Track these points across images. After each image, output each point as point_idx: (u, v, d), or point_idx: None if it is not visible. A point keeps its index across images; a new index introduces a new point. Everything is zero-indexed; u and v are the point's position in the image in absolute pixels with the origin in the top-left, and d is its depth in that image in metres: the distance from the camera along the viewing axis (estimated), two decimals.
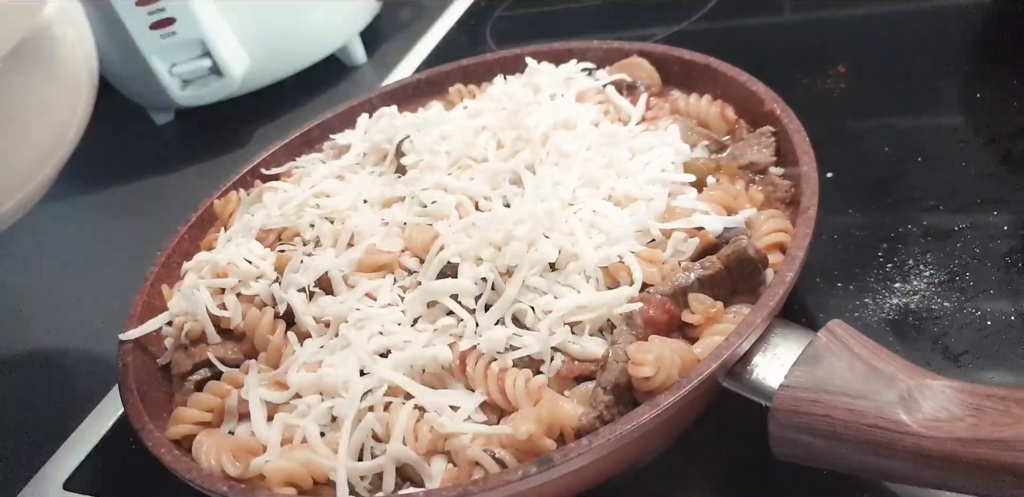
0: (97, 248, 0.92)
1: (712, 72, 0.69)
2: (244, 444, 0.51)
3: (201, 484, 0.48)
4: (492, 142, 0.66)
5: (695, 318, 0.50)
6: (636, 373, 0.45)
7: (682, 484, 0.53)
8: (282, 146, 0.77)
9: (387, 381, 0.50)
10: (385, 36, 1.18)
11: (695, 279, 0.50)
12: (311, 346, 0.54)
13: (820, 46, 0.87)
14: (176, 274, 0.66)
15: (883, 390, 0.42)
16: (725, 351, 0.45)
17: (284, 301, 0.57)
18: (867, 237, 0.64)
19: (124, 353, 0.59)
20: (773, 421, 0.44)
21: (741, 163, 0.61)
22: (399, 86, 0.82)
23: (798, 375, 0.44)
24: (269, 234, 0.64)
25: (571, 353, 0.50)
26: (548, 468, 0.43)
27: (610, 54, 0.76)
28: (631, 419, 0.43)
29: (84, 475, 0.65)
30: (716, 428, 0.52)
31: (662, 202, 0.55)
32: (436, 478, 0.47)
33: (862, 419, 0.41)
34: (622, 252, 0.52)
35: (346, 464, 0.47)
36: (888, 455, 0.41)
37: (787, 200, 0.59)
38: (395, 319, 0.54)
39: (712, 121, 0.67)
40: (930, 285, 0.58)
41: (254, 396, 0.52)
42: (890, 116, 0.76)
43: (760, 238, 0.54)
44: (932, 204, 0.65)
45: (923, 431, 0.40)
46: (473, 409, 0.48)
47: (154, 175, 1.03)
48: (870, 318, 0.58)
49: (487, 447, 0.46)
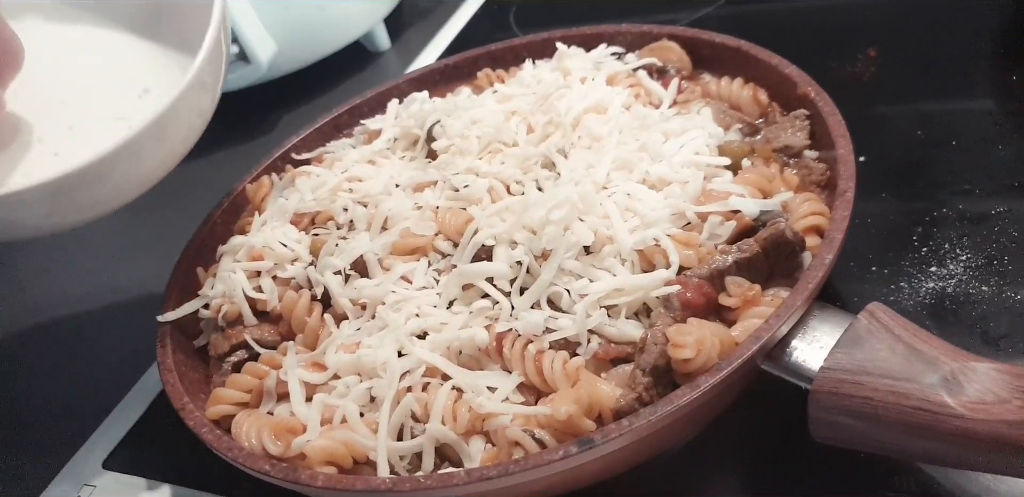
0: (129, 231, 0.92)
1: (743, 55, 0.69)
2: (284, 423, 0.51)
3: (244, 463, 0.49)
4: (523, 126, 0.66)
5: (732, 301, 0.50)
6: (676, 355, 0.45)
7: (715, 467, 0.53)
8: (313, 131, 0.77)
9: (425, 362, 0.50)
10: (409, 22, 1.18)
11: (732, 262, 0.50)
12: (348, 328, 0.55)
13: (849, 29, 0.86)
14: (210, 257, 0.66)
15: (926, 372, 0.42)
16: (765, 333, 0.45)
17: (320, 284, 0.58)
18: (901, 221, 0.63)
19: (162, 335, 0.60)
20: (813, 403, 0.45)
21: (775, 146, 0.61)
22: (427, 71, 0.82)
23: (839, 357, 0.44)
24: (303, 218, 0.64)
25: (607, 335, 0.50)
26: (589, 448, 0.43)
27: (640, 38, 0.75)
28: (671, 400, 0.44)
29: (122, 454, 0.66)
30: (749, 411, 0.53)
31: (697, 185, 0.55)
32: (475, 458, 0.47)
33: (905, 401, 0.42)
34: (658, 235, 0.52)
35: (386, 444, 0.48)
36: (931, 437, 0.41)
37: (822, 183, 0.59)
38: (431, 301, 0.54)
39: (744, 104, 0.66)
40: (967, 269, 0.58)
41: (293, 377, 0.53)
42: (922, 100, 0.75)
43: (796, 221, 0.54)
44: (967, 188, 0.64)
45: (968, 413, 0.40)
46: (510, 390, 0.49)
47: (181, 161, 1.04)
48: (906, 302, 0.57)
49: (526, 427, 0.46)
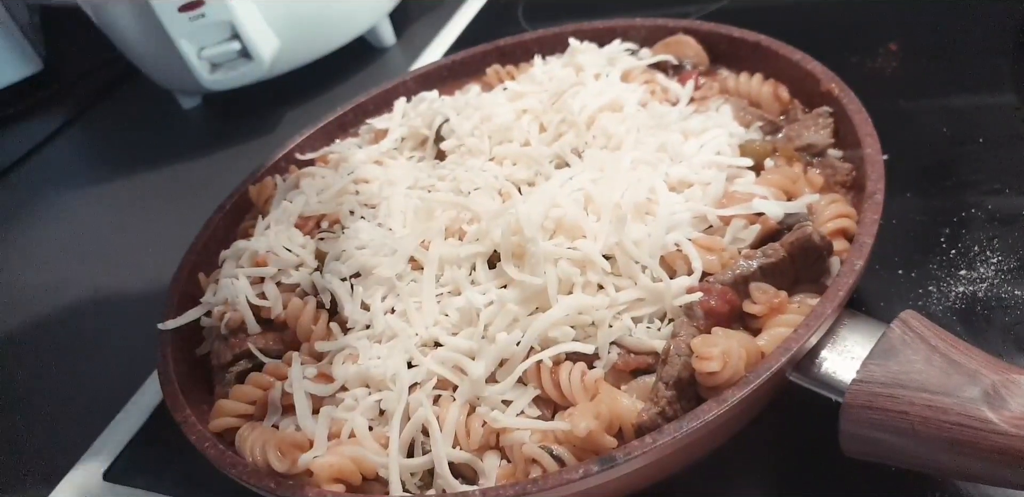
0: (130, 233, 0.90)
1: (763, 50, 0.67)
2: (290, 438, 0.49)
3: (247, 480, 0.47)
4: (534, 125, 0.64)
5: (758, 309, 0.47)
6: (702, 368, 0.42)
7: (741, 480, 0.51)
8: (317, 130, 0.75)
9: (435, 373, 0.48)
10: (414, 17, 1.16)
11: (757, 268, 0.48)
12: (355, 337, 0.53)
13: (869, 23, 0.84)
14: (213, 262, 0.64)
15: (965, 385, 0.40)
16: (794, 344, 0.43)
17: (326, 290, 0.56)
18: (928, 222, 0.61)
19: (163, 343, 0.58)
20: (845, 417, 0.42)
21: (798, 145, 0.59)
22: (434, 68, 0.79)
23: (872, 369, 0.42)
24: (308, 221, 0.62)
25: (627, 345, 0.48)
26: (610, 467, 0.41)
27: (654, 32, 0.73)
28: (698, 416, 0.41)
29: (123, 465, 0.64)
30: (776, 422, 0.50)
31: (719, 187, 0.53)
32: (491, 475, 0.45)
33: (943, 416, 0.39)
34: (679, 240, 0.50)
35: (398, 460, 0.46)
36: (971, 454, 0.39)
37: (847, 184, 0.56)
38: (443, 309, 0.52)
39: (764, 101, 0.64)
40: (998, 272, 0.56)
41: (299, 389, 0.51)
42: (946, 96, 0.73)
43: (823, 224, 0.51)
44: (996, 187, 0.62)
45: (1012, 430, 0.38)
46: (526, 403, 0.47)
47: (182, 160, 1.02)
48: (935, 307, 0.55)
49: (543, 443, 0.44)
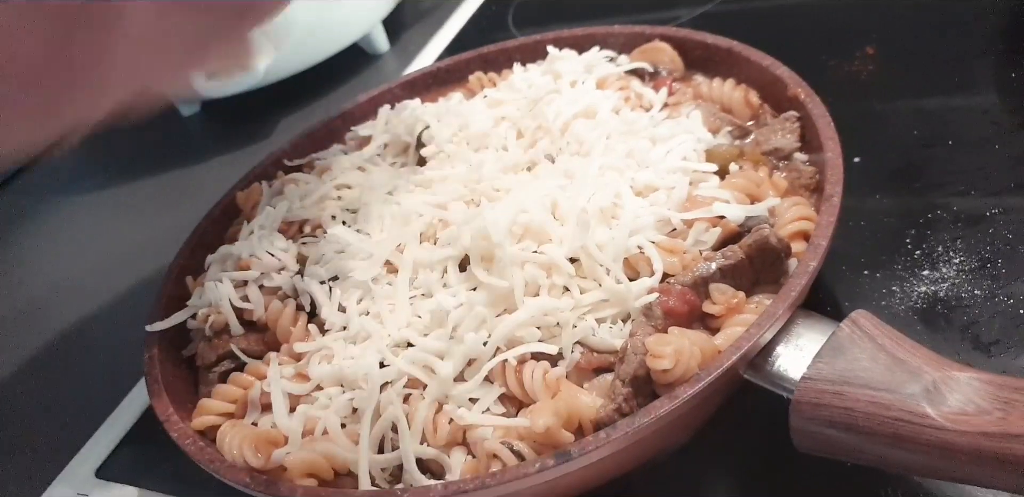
0: (125, 239, 0.93)
1: (735, 56, 0.68)
2: (266, 435, 0.51)
3: (224, 475, 0.49)
4: (512, 132, 0.66)
5: (716, 309, 0.49)
6: (655, 365, 0.44)
7: (703, 477, 0.52)
8: (305, 137, 0.77)
9: (406, 373, 0.50)
10: (407, 24, 1.18)
11: (716, 269, 0.50)
12: (331, 338, 0.55)
13: (848, 26, 0.85)
14: (201, 265, 0.66)
15: (907, 382, 0.41)
16: (746, 342, 0.45)
17: (306, 293, 0.57)
18: (895, 223, 0.62)
19: (150, 345, 0.60)
20: (794, 414, 0.44)
21: (765, 149, 0.60)
22: (419, 75, 0.81)
23: (820, 367, 0.44)
24: (292, 226, 0.64)
25: (590, 345, 0.49)
26: (565, 461, 0.43)
27: (632, 39, 0.74)
28: (650, 412, 0.43)
29: (116, 463, 0.66)
30: (737, 420, 0.52)
31: (683, 191, 0.54)
32: (456, 470, 0.47)
33: (885, 412, 0.41)
34: (642, 242, 0.52)
35: (367, 456, 0.48)
36: (911, 449, 0.40)
37: (812, 187, 0.58)
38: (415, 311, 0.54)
39: (735, 106, 0.65)
40: (960, 272, 0.57)
41: (276, 388, 0.53)
42: (920, 98, 0.74)
43: (783, 226, 0.53)
44: (962, 189, 0.63)
45: (948, 425, 0.39)
46: (492, 401, 0.48)
47: (181, 166, 1.04)
48: (897, 307, 0.56)
49: (505, 439, 0.46)
